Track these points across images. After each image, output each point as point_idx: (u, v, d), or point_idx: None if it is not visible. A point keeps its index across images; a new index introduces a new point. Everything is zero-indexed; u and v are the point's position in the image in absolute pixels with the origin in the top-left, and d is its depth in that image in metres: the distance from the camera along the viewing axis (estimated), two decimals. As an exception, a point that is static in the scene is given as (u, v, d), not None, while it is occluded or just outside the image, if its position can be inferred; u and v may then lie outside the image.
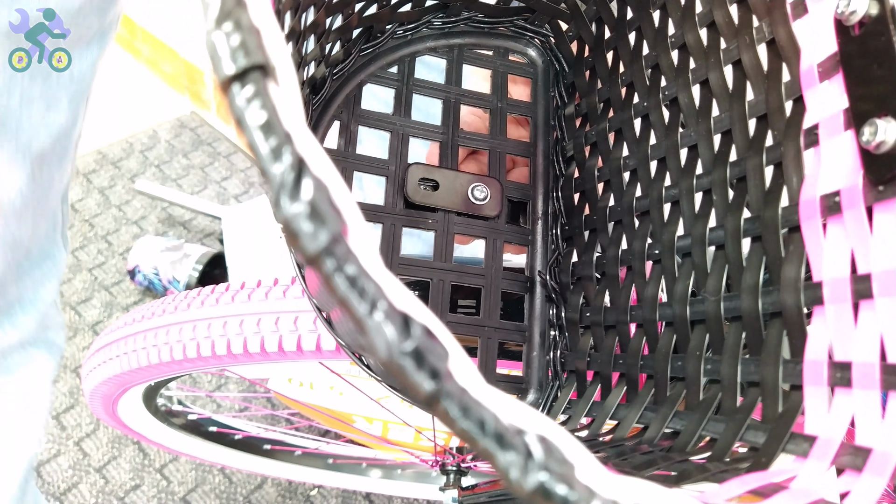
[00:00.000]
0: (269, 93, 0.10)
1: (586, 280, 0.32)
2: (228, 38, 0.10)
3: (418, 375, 0.09)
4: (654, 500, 0.10)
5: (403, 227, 0.34)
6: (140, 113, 1.36)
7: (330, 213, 0.09)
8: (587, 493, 0.09)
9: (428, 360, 0.09)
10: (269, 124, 0.10)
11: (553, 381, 0.32)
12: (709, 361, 0.24)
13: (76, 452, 0.92)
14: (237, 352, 0.40)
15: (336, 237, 0.09)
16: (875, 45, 0.19)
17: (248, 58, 0.10)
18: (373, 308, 0.09)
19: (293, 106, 0.10)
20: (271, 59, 0.10)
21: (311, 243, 0.09)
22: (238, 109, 0.10)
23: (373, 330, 0.09)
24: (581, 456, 0.10)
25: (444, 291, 0.33)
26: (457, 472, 0.62)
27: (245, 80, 0.10)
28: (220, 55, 0.10)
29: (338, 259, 0.09)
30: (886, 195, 0.19)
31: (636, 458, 0.21)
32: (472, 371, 0.10)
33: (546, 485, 0.09)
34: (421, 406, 0.09)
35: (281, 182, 0.09)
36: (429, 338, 0.09)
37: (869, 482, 0.16)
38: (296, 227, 0.09)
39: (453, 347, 0.10)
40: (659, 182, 0.29)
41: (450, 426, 0.09)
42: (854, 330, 0.19)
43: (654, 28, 0.30)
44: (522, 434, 0.09)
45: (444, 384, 0.09)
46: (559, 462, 0.09)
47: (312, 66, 0.29)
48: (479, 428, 0.09)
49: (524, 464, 0.09)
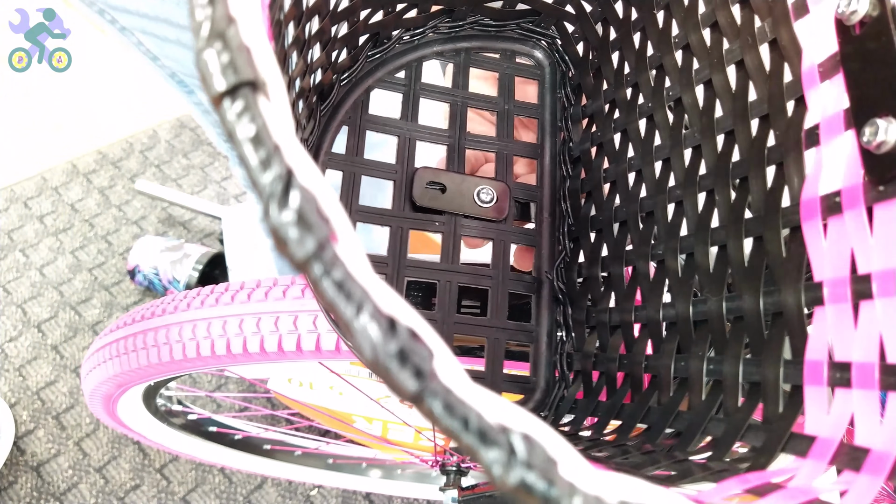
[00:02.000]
0: (258, 107, 0.10)
1: (592, 280, 0.32)
2: (219, 55, 0.10)
3: (402, 375, 0.09)
4: (639, 497, 0.10)
5: (411, 230, 0.34)
6: (140, 113, 1.37)
7: (317, 221, 0.10)
8: (569, 490, 0.10)
9: (412, 360, 0.09)
10: (258, 137, 0.10)
11: (559, 381, 0.33)
12: (711, 361, 0.24)
13: (76, 452, 0.93)
14: (237, 352, 0.40)
15: (323, 244, 0.10)
16: (875, 46, 0.20)
17: (237, 75, 0.10)
18: (359, 311, 0.10)
19: (283, 119, 0.11)
20: (261, 76, 0.11)
21: (298, 250, 0.10)
22: (229, 124, 0.10)
23: (359, 332, 0.09)
24: (565, 453, 0.10)
25: (452, 293, 0.33)
26: (457, 472, 0.62)
27: (235, 95, 0.10)
28: (211, 72, 0.10)
29: (325, 264, 0.10)
30: (887, 195, 0.19)
31: (638, 458, 0.21)
32: (457, 371, 0.10)
33: (529, 481, 0.09)
34: (408, 404, 0.10)
35: (270, 192, 0.10)
36: (413, 339, 0.10)
37: (866, 482, 0.16)
38: (284, 235, 0.10)
39: (439, 348, 0.10)
40: (663, 182, 0.29)
41: (434, 424, 0.09)
42: (854, 330, 0.19)
43: (657, 29, 0.30)
44: (506, 432, 0.10)
45: (429, 383, 0.09)
46: (542, 459, 0.10)
47: (319, 73, 0.30)
48: (462, 426, 0.09)
49: (507, 460, 0.09)
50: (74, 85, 1.35)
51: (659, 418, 0.25)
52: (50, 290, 1.09)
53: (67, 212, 1.20)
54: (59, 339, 1.04)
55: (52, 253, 1.14)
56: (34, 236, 1.15)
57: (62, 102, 1.34)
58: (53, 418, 0.96)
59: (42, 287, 1.09)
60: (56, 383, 0.99)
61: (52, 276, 1.11)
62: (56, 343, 1.03)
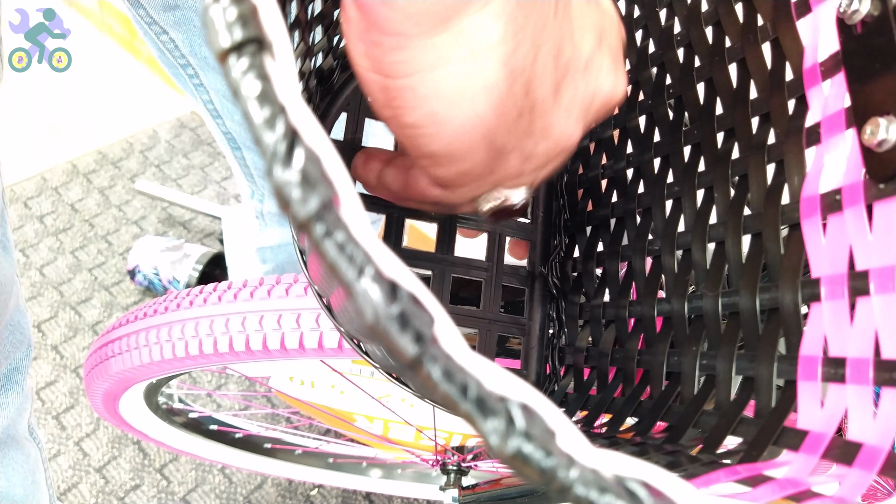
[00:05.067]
0: (264, 65, 0.10)
1: (587, 276, 0.32)
2: (225, 11, 0.10)
3: (402, 339, 0.09)
4: (634, 471, 0.10)
5: (406, 218, 0.34)
6: (140, 113, 1.37)
7: (320, 182, 0.10)
8: (567, 461, 0.09)
9: (413, 324, 0.09)
10: (263, 95, 0.10)
11: (550, 375, 0.32)
12: (705, 357, 0.24)
13: (76, 452, 0.93)
14: (239, 349, 0.40)
15: (326, 204, 0.09)
16: (877, 44, 0.20)
17: (244, 31, 0.10)
18: (360, 273, 0.09)
19: (288, 80, 0.10)
20: (268, 34, 0.10)
21: (301, 209, 0.09)
22: (234, 81, 0.10)
23: (360, 294, 0.09)
24: (563, 425, 0.10)
25: (446, 284, 0.33)
26: (457, 472, 0.62)
27: (241, 52, 0.10)
28: (217, 28, 0.10)
29: (327, 225, 0.09)
30: (887, 193, 0.19)
31: (628, 449, 0.21)
32: (457, 338, 0.10)
33: (526, 451, 0.09)
34: (405, 371, 0.10)
35: (274, 150, 0.10)
36: (415, 303, 0.09)
37: (858, 476, 0.16)
38: (287, 194, 0.09)
39: (440, 314, 0.10)
40: (662, 179, 0.29)
41: (432, 390, 0.09)
42: (850, 327, 0.19)
43: (660, 26, 0.31)
44: (505, 401, 0.10)
45: (429, 348, 0.09)
46: (541, 429, 0.10)
47: (320, 56, 0.30)
48: (461, 393, 0.09)
49: (505, 430, 0.09)
50: (74, 85, 1.35)
51: (650, 412, 0.25)
52: (50, 290, 1.08)
53: (67, 212, 1.19)
54: (59, 339, 1.03)
55: (52, 253, 1.13)
56: (34, 236, 1.15)
57: (62, 102, 1.34)
58: (53, 418, 0.95)
59: (42, 287, 1.09)
60: (56, 383, 0.98)
61: (52, 276, 1.10)
62: (56, 343, 1.03)
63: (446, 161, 0.21)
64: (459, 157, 0.21)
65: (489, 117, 0.20)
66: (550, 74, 0.21)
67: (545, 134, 0.22)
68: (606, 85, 0.23)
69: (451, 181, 0.23)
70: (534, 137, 0.22)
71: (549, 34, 0.20)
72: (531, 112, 0.21)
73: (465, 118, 0.20)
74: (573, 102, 0.22)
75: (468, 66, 0.19)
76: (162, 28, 0.50)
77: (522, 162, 0.22)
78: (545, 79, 0.21)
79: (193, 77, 0.55)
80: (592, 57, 0.22)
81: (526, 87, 0.20)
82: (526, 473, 0.09)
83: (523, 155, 0.22)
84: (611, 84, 0.23)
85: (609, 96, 0.23)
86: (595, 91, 0.23)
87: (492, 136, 0.21)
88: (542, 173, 0.24)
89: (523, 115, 0.21)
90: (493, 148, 0.21)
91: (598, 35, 0.22)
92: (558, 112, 0.22)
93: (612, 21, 0.24)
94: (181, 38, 0.51)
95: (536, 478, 0.09)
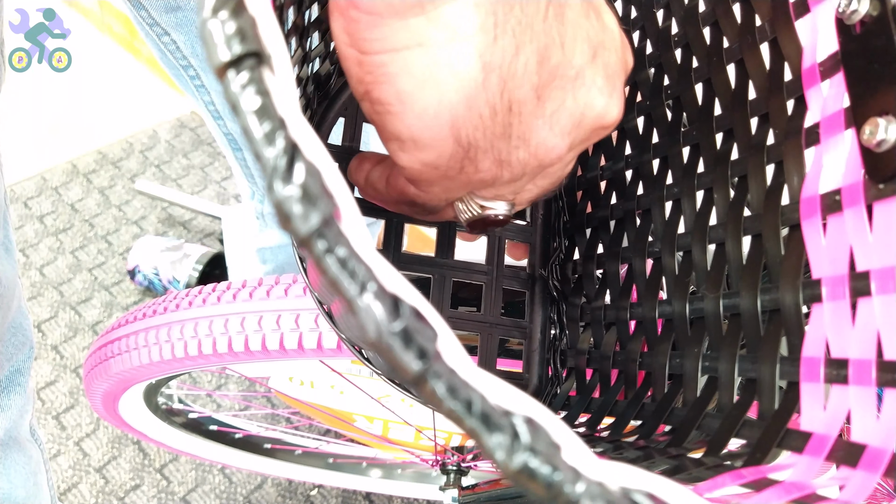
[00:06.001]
0: (263, 79, 0.10)
1: (587, 278, 0.32)
2: (224, 25, 0.10)
3: (406, 355, 0.09)
4: (639, 483, 0.10)
5: (406, 223, 0.34)
6: (140, 113, 1.37)
7: (321, 197, 0.09)
8: (572, 475, 0.09)
9: (416, 340, 0.09)
10: (263, 109, 0.10)
11: (552, 378, 0.32)
12: (706, 359, 0.24)
13: (76, 452, 0.93)
14: (238, 350, 0.40)
15: (327, 220, 0.09)
16: (876, 45, 0.20)
17: (243, 45, 0.10)
18: (363, 289, 0.09)
19: (288, 93, 0.10)
20: (266, 48, 0.10)
21: (302, 225, 0.09)
22: (233, 95, 0.10)
23: (362, 310, 0.09)
24: (568, 438, 0.10)
25: (446, 288, 0.33)
26: (457, 472, 0.62)
27: (240, 66, 0.10)
28: (215, 42, 0.10)
29: (329, 241, 0.09)
30: (886, 193, 0.19)
31: (631, 453, 0.21)
32: (461, 353, 0.10)
33: (532, 466, 0.09)
34: (409, 387, 0.10)
35: (274, 166, 0.10)
36: (418, 319, 0.09)
37: (862, 478, 0.16)
38: (287, 209, 0.09)
39: (443, 329, 0.10)
40: (661, 180, 0.29)
41: (437, 406, 0.09)
42: (851, 328, 0.19)
43: (657, 27, 0.30)
44: (509, 415, 0.10)
45: (432, 364, 0.09)
46: (546, 444, 0.09)
47: (317, 62, 0.30)
48: (465, 408, 0.09)
49: (510, 444, 0.09)
50: (74, 85, 1.35)
51: (653, 415, 0.24)
52: (50, 290, 1.08)
53: (67, 212, 1.19)
54: (59, 339, 1.03)
55: (52, 253, 1.13)
56: (34, 236, 1.15)
57: (62, 102, 1.34)
58: (53, 418, 0.95)
59: (42, 287, 1.08)
60: (56, 383, 0.98)
61: (52, 276, 1.10)
62: (56, 343, 1.03)
63: (411, 146, 0.21)
64: (424, 144, 0.21)
65: (457, 106, 0.20)
66: (532, 77, 0.20)
67: (523, 140, 0.21)
68: (598, 104, 0.22)
69: (418, 174, 0.22)
70: (510, 141, 0.21)
71: (535, 35, 0.20)
72: (508, 112, 0.21)
73: (432, 100, 0.20)
74: (558, 114, 0.21)
75: (441, 51, 0.19)
76: (163, 29, 0.50)
77: (497, 167, 0.22)
78: (526, 80, 0.20)
79: (195, 78, 0.55)
80: (584, 70, 0.21)
81: (502, 83, 0.20)
82: (532, 488, 0.09)
83: (497, 159, 0.22)
84: (603, 104, 0.22)
85: (600, 117, 0.22)
86: (585, 107, 0.22)
87: (459, 127, 0.20)
88: (522, 189, 0.23)
89: (498, 113, 0.20)
90: (461, 142, 0.21)
91: (594, 49, 0.21)
92: (540, 120, 0.21)
93: (613, 40, 0.23)
94: (183, 40, 0.51)
95: (542, 492, 0.09)
